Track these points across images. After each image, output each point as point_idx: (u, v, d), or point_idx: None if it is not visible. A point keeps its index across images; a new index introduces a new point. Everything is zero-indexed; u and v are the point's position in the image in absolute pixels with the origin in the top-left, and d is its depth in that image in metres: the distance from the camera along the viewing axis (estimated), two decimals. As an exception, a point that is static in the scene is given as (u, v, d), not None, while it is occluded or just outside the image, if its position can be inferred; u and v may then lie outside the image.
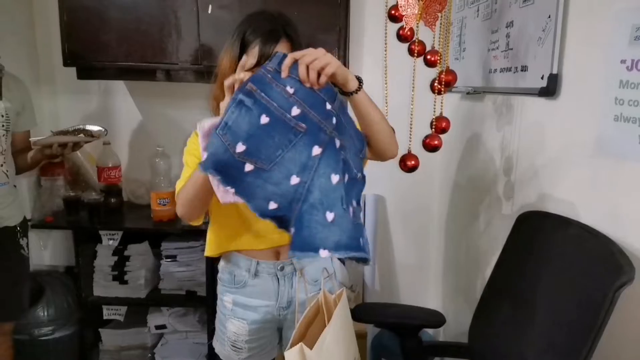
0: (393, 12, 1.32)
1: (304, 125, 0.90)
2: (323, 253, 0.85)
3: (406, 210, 2.25)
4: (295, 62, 0.94)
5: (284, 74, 0.94)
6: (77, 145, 1.74)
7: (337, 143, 0.91)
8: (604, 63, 1.00)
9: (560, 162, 1.20)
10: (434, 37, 1.34)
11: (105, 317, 2.22)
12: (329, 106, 0.93)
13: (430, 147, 1.34)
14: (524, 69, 1.29)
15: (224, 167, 0.88)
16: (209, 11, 1.92)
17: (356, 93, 1.03)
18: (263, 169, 0.89)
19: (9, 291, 1.75)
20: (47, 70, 2.29)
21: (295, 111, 0.91)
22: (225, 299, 1.31)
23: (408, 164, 1.32)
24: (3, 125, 1.62)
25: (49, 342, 2.14)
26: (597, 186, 1.05)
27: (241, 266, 1.27)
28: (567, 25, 1.12)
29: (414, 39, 1.32)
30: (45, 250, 2.18)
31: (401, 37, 1.35)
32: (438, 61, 1.34)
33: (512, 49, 1.37)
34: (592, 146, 1.06)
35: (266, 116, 0.90)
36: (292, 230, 0.89)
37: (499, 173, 1.54)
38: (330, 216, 0.86)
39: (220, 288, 1.34)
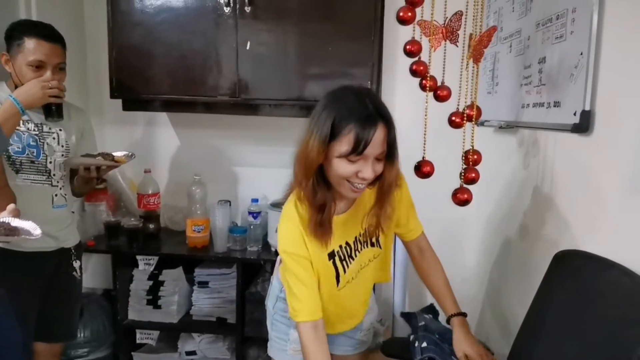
0: (409, 47, 1.35)
1: None
2: None
3: (439, 244, 2.21)
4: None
5: None
6: (100, 169, 1.67)
7: None
8: (638, 99, 0.99)
9: (595, 199, 1.17)
10: (462, 74, 1.35)
11: (138, 341, 2.26)
12: None
13: (462, 201, 1.37)
14: (557, 104, 1.28)
15: None
16: (247, 47, 2.01)
17: None
18: None
19: (59, 312, 1.79)
20: (96, 102, 2.44)
21: None
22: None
23: (423, 171, 1.36)
24: (63, 155, 1.70)
25: (84, 364, 2.18)
26: (634, 226, 1.02)
27: None
28: (599, 62, 1.11)
29: (427, 74, 1.36)
30: (85, 273, 2.25)
31: (415, 72, 1.38)
32: (447, 97, 1.38)
33: (544, 84, 1.37)
34: (629, 184, 1.03)
35: None
36: None
37: (533, 209, 1.51)
38: None
39: (279, 305, 1.44)
